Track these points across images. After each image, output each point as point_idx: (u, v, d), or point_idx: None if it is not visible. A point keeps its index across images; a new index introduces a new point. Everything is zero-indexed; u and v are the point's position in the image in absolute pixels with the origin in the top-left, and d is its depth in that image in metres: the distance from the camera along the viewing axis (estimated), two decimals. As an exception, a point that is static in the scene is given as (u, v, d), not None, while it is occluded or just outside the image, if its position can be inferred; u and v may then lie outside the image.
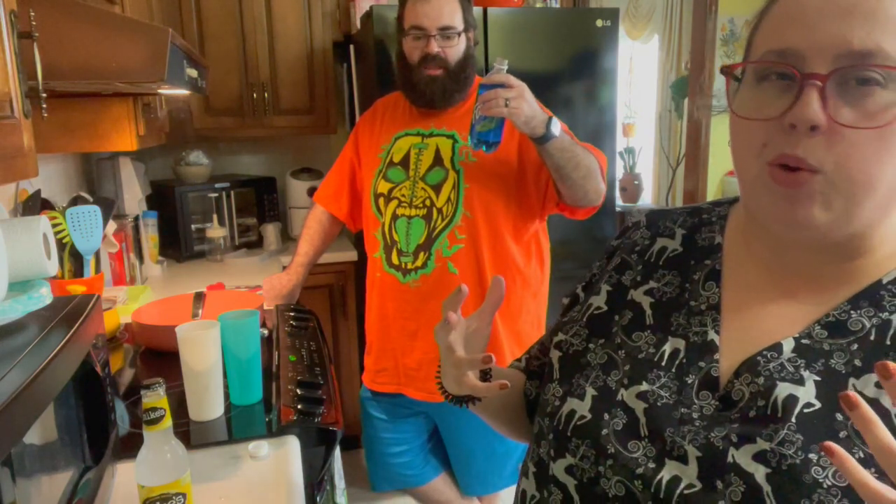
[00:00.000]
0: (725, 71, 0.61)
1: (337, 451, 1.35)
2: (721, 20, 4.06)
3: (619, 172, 4.38)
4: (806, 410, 0.55)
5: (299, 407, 1.26)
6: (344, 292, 2.81)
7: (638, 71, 4.94)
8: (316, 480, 1.20)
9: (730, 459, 0.55)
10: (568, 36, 2.45)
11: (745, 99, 0.59)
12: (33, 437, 0.69)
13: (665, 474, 0.58)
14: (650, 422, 0.61)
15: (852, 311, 0.57)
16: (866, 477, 0.42)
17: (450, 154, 1.68)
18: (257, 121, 2.83)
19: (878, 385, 0.53)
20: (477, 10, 2.36)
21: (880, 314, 0.56)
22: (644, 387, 0.63)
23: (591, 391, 0.66)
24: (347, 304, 2.82)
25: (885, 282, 0.57)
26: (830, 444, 0.44)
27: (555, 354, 0.74)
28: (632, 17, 4.56)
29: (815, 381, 0.56)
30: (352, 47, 2.63)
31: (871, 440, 0.42)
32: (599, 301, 0.73)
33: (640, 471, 0.59)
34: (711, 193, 4.25)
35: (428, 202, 1.67)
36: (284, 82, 2.83)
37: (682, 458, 0.58)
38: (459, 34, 1.63)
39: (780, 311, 0.61)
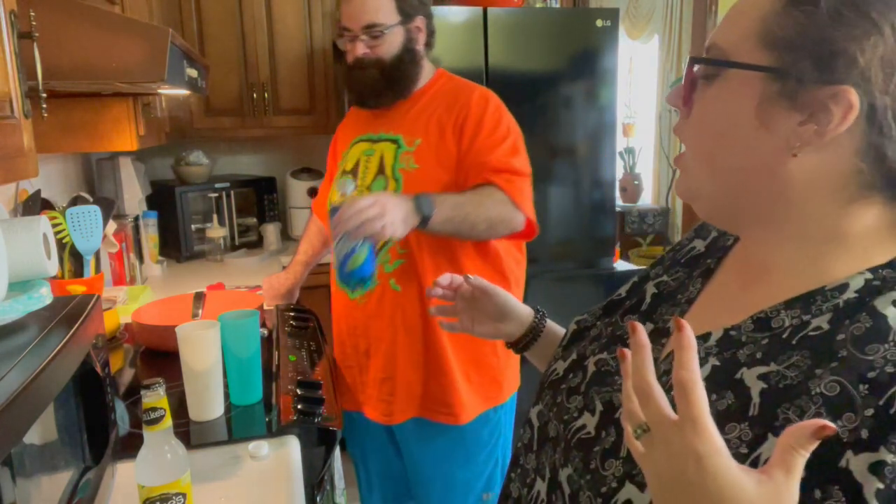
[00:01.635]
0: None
1: (337, 451, 1.36)
2: (721, 20, 4.06)
3: (619, 172, 4.37)
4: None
5: (299, 407, 1.26)
6: (344, 292, 2.81)
7: (638, 71, 4.94)
8: (316, 480, 1.20)
9: (617, 415, 0.63)
10: (568, 36, 2.45)
11: None
12: (33, 437, 0.69)
13: (579, 422, 0.67)
14: (590, 383, 0.70)
15: (782, 311, 0.58)
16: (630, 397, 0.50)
17: (392, 161, 1.56)
18: (257, 121, 2.83)
19: (759, 377, 0.55)
20: (477, 10, 2.36)
21: (803, 316, 0.57)
22: (605, 356, 0.72)
23: (573, 357, 0.76)
24: (347, 304, 2.82)
25: (827, 288, 0.57)
26: (623, 350, 0.51)
27: (572, 327, 0.82)
28: (632, 17, 4.56)
29: (713, 366, 0.59)
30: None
31: (678, 364, 0.46)
32: (623, 289, 0.81)
33: (566, 417, 0.69)
34: (711, 193, 4.24)
35: None
36: (284, 82, 2.83)
37: (592, 411, 0.67)
38: (389, 29, 1.50)
39: (733, 305, 0.63)
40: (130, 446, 0.96)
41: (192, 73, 1.51)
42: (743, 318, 0.61)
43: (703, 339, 0.62)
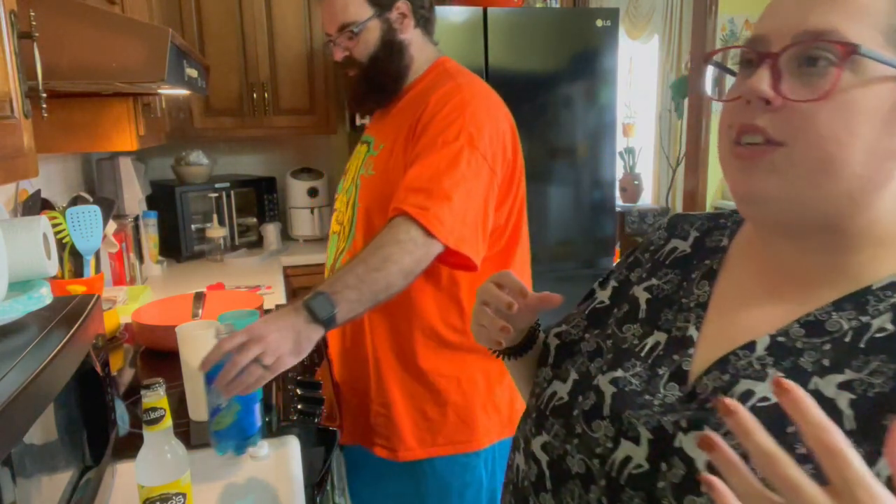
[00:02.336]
0: (705, 58, 0.65)
1: (337, 452, 1.35)
2: (721, 20, 4.06)
3: (619, 172, 4.38)
4: (759, 404, 0.54)
5: (299, 407, 1.26)
6: (344, 292, 2.80)
7: (638, 71, 4.94)
8: (316, 480, 1.20)
9: (677, 444, 0.56)
10: (568, 36, 2.45)
11: (729, 87, 0.63)
12: (33, 437, 0.69)
13: (619, 454, 0.59)
14: (613, 404, 0.62)
15: (834, 313, 0.57)
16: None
17: (359, 165, 1.45)
18: (257, 121, 2.83)
19: (839, 386, 0.53)
20: (477, 10, 2.37)
21: (861, 317, 0.55)
22: (619, 373, 0.64)
23: (573, 375, 0.68)
24: (347, 304, 2.81)
25: (875, 287, 0.56)
26: (710, 478, 0.42)
27: (553, 342, 0.75)
28: (632, 17, 4.56)
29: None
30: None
31: (753, 446, 0.41)
32: (604, 296, 0.76)
33: (598, 450, 0.61)
34: (711, 194, 4.25)
35: (343, 219, 1.47)
36: (284, 82, 2.83)
37: (636, 440, 0.59)
38: (362, 26, 1.35)
39: (764, 310, 0.61)
40: (130, 446, 0.96)
41: (192, 73, 1.51)
42: (784, 323, 0.58)
43: (748, 348, 0.59)
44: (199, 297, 1.78)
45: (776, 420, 0.51)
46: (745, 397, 0.55)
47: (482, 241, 1.29)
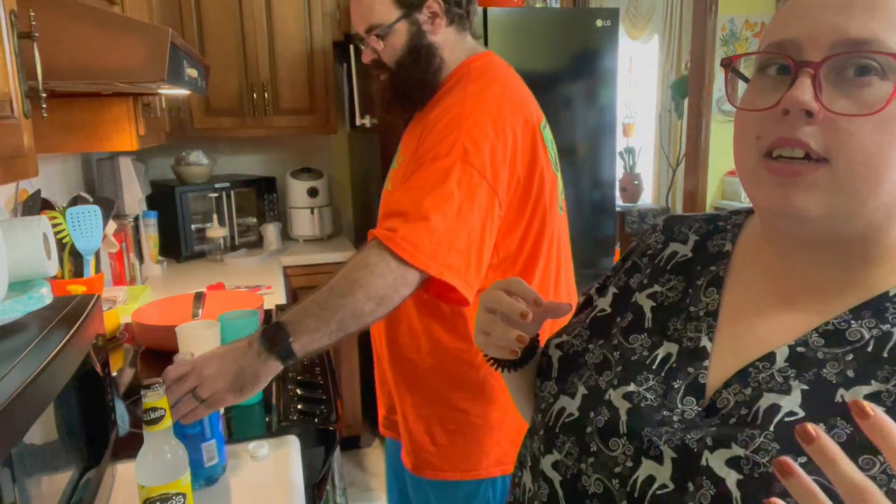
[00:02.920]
0: (725, 63, 0.61)
1: (337, 452, 1.35)
2: (721, 20, 4.06)
3: (619, 172, 4.38)
4: (787, 419, 0.53)
5: (299, 407, 1.26)
6: (344, 292, 2.80)
7: (638, 71, 4.94)
8: (316, 481, 1.20)
9: (703, 462, 0.54)
10: (568, 36, 2.45)
11: (747, 93, 0.59)
12: (33, 437, 0.69)
13: (641, 474, 0.57)
14: (630, 421, 0.60)
15: (853, 321, 0.56)
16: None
17: (388, 177, 1.40)
18: (257, 121, 2.83)
19: (867, 397, 0.52)
20: (477, 11, 2.36)
21: (881, 326, 0.54)
22: (631, 388, 0.62)
23: (582, 390, 0.65)
24: (347, 304, 2.81)
25: (892, 294, 0.56)
26: (787, 460, 0.41)
27: (555, 353, 0.73)
28: (632, 17, 4.56)
29: (803, 391, 0.54)
30: (352, 47, 2.63)
31: (835, 477, 0.39)
32: (605, 303, 0.73)
33: (618, 469, 0.59)
34: (711, 194, 4.25)
35: None
36: (284, 82, 2.83)
37: (658, 458, 0.57)
38: (390, 28, 1.26)
39: (778, 319, 0.60)
40: (130, 446, 0.96)
41: (192, 73, 1.51)
42: (801, 333, 0.57)
43: (767, 359, 0.57)
44: (199, 297, 1.78)
45: None
46: (770, 412, 0.54)
47: (475, 272, 1.13)
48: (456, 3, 1.29)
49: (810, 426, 0.39)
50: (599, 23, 2.46)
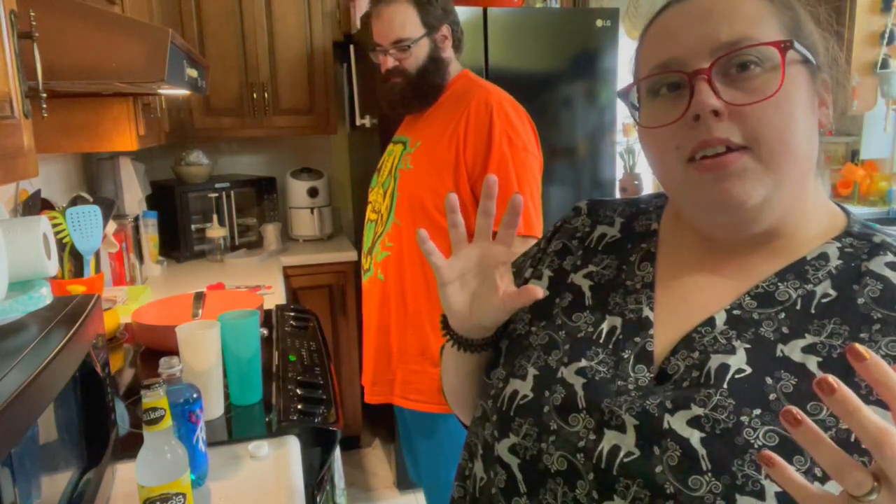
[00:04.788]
0: (621, 94, 0.67)
1: (337, 451, 1.35)
2: (721, 20, 4.05)
3: (619, 172, 4.37)
4: (737, 376, 0.57)
5: (299, 407, 1.26)
6: (344, 292, 2.81)
7: (638, 71, 4.94)
8: (316, 480, 1.20)
9: (665, 425, 0.56)
10: (568, 36, 2.45)
11: (647, 115, 0.64)
12: (33, 437, 0.69)
13: (605, 444, 0.58)
14: (588, 394, 0.62)
15: (779, 283, 0.61)
16: (805, 486, 0.43)
17: (396, 162, 1.69)
18: (257, 121, 2.83)
19: (804, 350, 0.57)
20: (477, 10, 2.36)
21: (805, 286, 0.60)
22: (583, 363, 0.64)
23: (532, 371, 0.67)
24: (347, 304, 2.82)
25: (808, 258, 0.62)
26: (769, 454, 0.43)
27: (504, 343, 0.74)
28: (632, 17, 4.56)
29: (746, 349, 0.58)
30: (352, 47, 2.63)
31: (858, 425, 0.40)
32: (541, 286, 0.74)
33: (581, 444, 0.60)
34: (711, 193, 4.24)
35: (380, 208, 1.71)
36: (284, 82, 2.83)
37: (620, 427, 0.58)
38: (415, 42, 1.61)
39: (711, 286, 0.64)
40: (130, 446, 0.96)
41: (192, 73, 1.51)
42: (734, 298, 0.62)
43: (708, 324, 0.61)
44: (199, 297, 1.78)
45: (757, 388, 0.56)
46: (721, 371, 0.58)
47: None
48: (457, 32, 1.68)
49: (831, 378, 0.40)
50: (599, 23, 2.46)
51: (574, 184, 2.61)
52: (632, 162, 4.71)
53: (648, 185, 4.79)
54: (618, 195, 3.86)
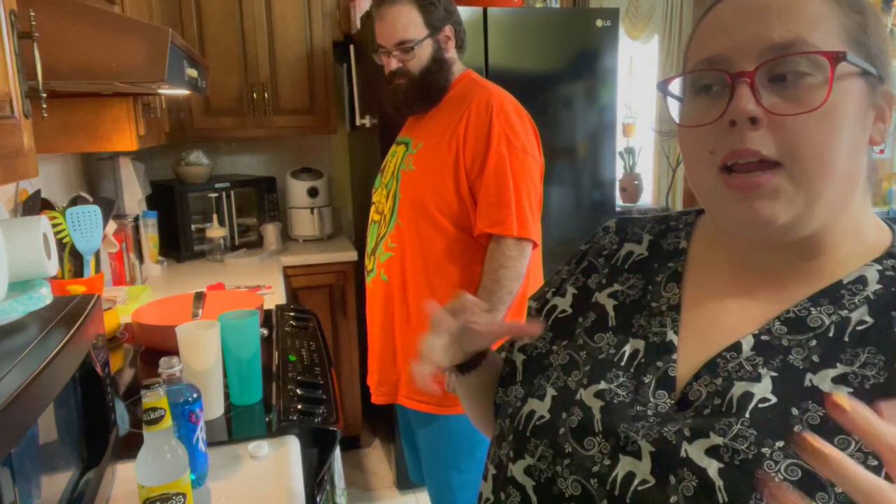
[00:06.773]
0: (661, 87, 0.63)
1: (337, 451, 1.35)
2: (721, 20, 4.05)
3: (619, 172, 4.37)
4: (761, 405, 0.54)
5: (299, 407, 1.26)
6: (344, 292, 2.81)
7: (638, 71, 4.94)
8: (316, 480, 1.20)
9: (682, 454, 0.54)
10: (568, 36, 2.45)
11: (687, 112, 0.61)
12: (33, 436, 0.69)
13: (619, 471, 0.57)
14: (605, 418, 0.60)
15: (812, 308, 0.58)
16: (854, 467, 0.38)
17: (399, 162, 1.69)
18: (257, 121, 2.83)
19: (834, 380, 0.54)
20: (477, 10, 2.36)
21: (840, 311, 0.57)
22: (602, 385, 0.62)
23: (551, 391, 0.65)
24: (347, 304, 2.82)
25: (845, 282, 0.58)
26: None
27: (519, 357, 0.73)
28: (632, 17, 4.56)
29: (772, 377, 0.55)
30: (352, 47, 2.63)
31: (876, 441, 0.37)
32: (564, 304, 0.73)
33: (595, 469, 0.58)
34: (711, 193, 4.24)
35: (383, 209, 1.71)
36: (284, 82, 2.83)
37: (636, 454, 0.56)
38: (418, 44, 1.60)
39: (740, 309, 0.61)
40: (130, 446, 0.96)
41: (192, 73, 1.51)
42: (764, 322, 0.59)
43: (734, 349, 0.58)
44: (199, 297, 1.78)
45: (782, 419, 0.53)
46: (744, 399, 0.55)
47: None
48: (460, 32, 1.68)
49: (837, 395, 0.39)
50: (599, 23, 2.46)
51: (574, 184, 2.61)
52: (632, 162, 4.71)
53: (648, 185, 4.79)
54: (618, 195, 3.87)
